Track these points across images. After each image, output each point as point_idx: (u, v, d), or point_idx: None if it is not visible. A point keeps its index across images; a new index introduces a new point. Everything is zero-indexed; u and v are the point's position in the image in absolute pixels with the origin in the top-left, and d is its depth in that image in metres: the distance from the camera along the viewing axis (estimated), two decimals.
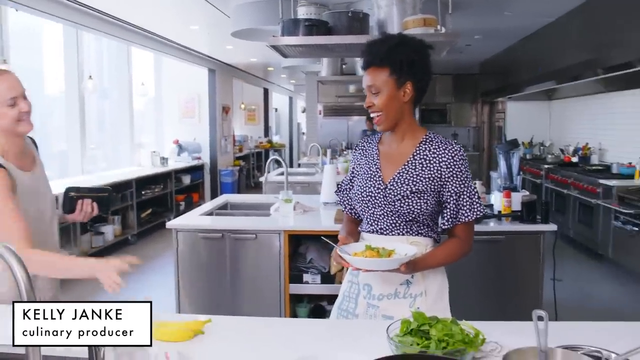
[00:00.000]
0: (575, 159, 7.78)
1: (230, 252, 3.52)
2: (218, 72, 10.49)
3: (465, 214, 1.83)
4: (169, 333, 1.56)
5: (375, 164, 1.91)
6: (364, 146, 2.00)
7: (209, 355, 1.51)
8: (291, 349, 1.51)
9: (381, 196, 1.84)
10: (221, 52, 9.55)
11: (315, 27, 3.61)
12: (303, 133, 19.18)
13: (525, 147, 9.46)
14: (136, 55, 8.92)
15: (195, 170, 9.91)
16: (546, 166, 7.90)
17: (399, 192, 1.81)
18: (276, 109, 17.98)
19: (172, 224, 3.57)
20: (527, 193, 3.55)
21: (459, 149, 1.86)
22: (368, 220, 1.92)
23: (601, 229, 6.03)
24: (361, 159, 1.98)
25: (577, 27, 6.24)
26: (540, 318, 1.30)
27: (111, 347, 1.20)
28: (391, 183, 1.84)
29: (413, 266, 1.72)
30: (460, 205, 1.83)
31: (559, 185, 7.30)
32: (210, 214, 4.12)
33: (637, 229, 5.25)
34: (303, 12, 3.88)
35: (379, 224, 1.88)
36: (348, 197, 2.05)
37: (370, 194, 1.86)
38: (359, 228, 2.00)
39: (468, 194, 1.83)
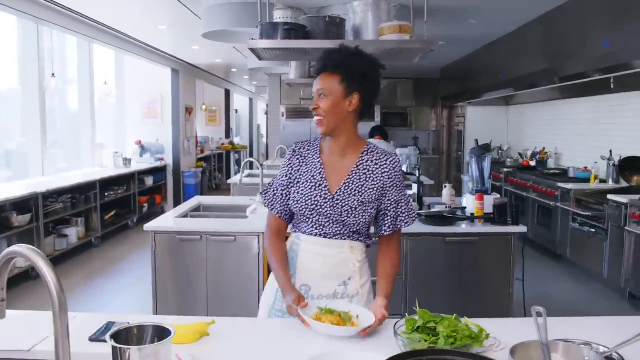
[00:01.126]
0: (533, 163, 8.05)
1: (209, 254, 3.52)
2: (182, 72, 10.38)
3: (404, 220, 1.94)
4: (176, 335, 1.57)
5: (319, 173, 1.92)
6: (301, 153, 1.99)
7: (218, 356, 1.54)
8: (299, 348, 1.55)
9: (328, 206, 1.88)
10: (186, 53, 9.45)
11: (293, 30, 3.66)
12: (263, 135, 19.19)
13: None
14: (98, 52, 8.73)
15: (157, 172, 9.77)
16: (505, 170, 8.16)
17: (346, 202, 1.87)
18: (237, 111, 17.88)
19: (149, 226, 3.54)
20: (499, 196, 3.69)
21: (398, 160, 1.97)
22: (311, 224, 1.93)
23: (560, 231, 6.28)
24: (300, 166, 1.96)
25: (536, 37, 6.48)
26: (539, 314, 1.38)
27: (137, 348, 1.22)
28: (338, 194, 1.89)
29: (386, 309, 1.80)
30: (399, 213, 1.93)
31: (518, 188, 7.55)
32: (185, 216, 4.11)
33: (593, 230, 5.50)
34: (279, 16, 3.91)
35: (323, 229, 1.92)
36: (282, 202, 1.99)
37: (316, 202, 1.89)
38: (294, 229, 2.02)
39: (405, 202, 1.95)
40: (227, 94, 15.31)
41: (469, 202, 3.66)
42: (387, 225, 1.93)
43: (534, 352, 1.34)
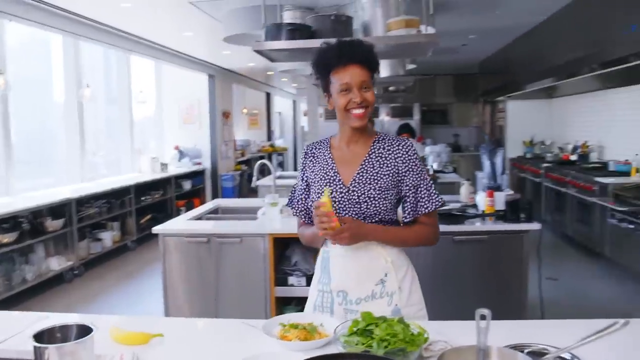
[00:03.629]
0: (574, 157, 7.75)
1: (215, 256, 3.55)
2: (217, 78, 10.55)
3: (425, 206, 1.87)
4: (125, 337, 1.59)
5: (332, 169, 1.90)
6: (313, 153, 1.98)
7: (165, 358, 1.53)
8: (247, 349, 1.53)
9: (345, 199, 1.84)
10: (219, 58, 9.60)
11: (298, 31, 3.64)
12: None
13: (527, 146, 9.44)
14: (136, 63, 9.00)
15: (196, 176, 9.96)
16: (545, 165, 7.87)
17: (362, 192, 1.83)
18: (279, 113, 18.02)
19: (158, 228, 3.60)
20: (512, 192, 3.55)
21: (411, 144, 1.91)
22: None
23: (598, 227, 6.00)
24: (314, 165, 1.96)
25: (570, 24, 6.23)
26: (482, 317, 1.31)
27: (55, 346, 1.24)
28: (353, 185, 1.85)
29: (364, 235, 1.78)
30: (419, 198, 1.87)
31: (557, 183, 7.27)
32: (199, 218, 4.16)
33: (632, 226, 5.22)
34: (288, 17, 3.91)
35: None
36: (305, 206, 2.00)
37: (333, 198, 1.85)
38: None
39: (425, 186, 1.88)
40: (268, 96, 15.45)
41: (481, 200, 3.54)
42: (407, 212, 1.88)
43: (469, 358, 1.27)
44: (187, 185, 9.43)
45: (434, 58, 7.56)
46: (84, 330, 1.33)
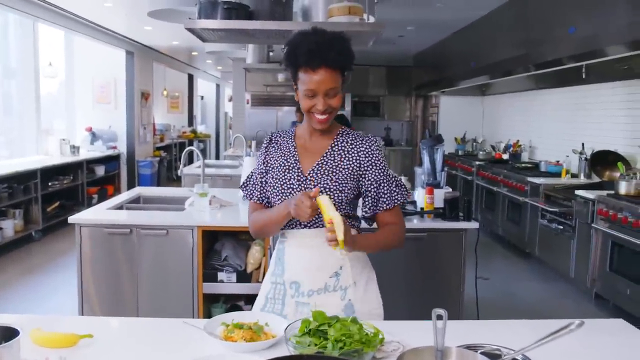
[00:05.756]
0: (506, 156, 8.09)
1: (139, 249, 3.44)
2: (137, 55, 10.22)
3: (386, 202, 1.92)
4: (49, 339, 1.51)
5: (293, 156, 1.94)
6: (277, 140, 2.02)
7: None
8: (186, 351, 1.50)
9: (302, 188, 1.88)
10: (140, 33, 9.29)
11: (234, 10, 3.58)
12: (231, 123, 19.03)
13: (458, 143, 9.77)
14: (44, 33, 8.53)
15: (110, 161, 9.63)
16: (477, 163, 8.19)
17: (319, 182, 1.87)
18: (202, 97, 17.70)
19: (75, 218, 3.45)
20: (450, 190, 3.67)
21: (375, 140, 1.96)
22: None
23: (528, 227, 6.31)
24: (275, 152, 2.00)
25: (508, 21, 6.49)
26: (439, 317, 1.35)
27: None
28: (310, 174, 1.89)
29: (353, 243, 1.74)
30: (381, 194, 1.92)
31: (489, 182, 7.59)
32: (120, 207, 4.03)
33: (561, 227, 5.53)
34: None
35: None
36: (261, 189, 2.02)
37: (290, 186, 1.89)
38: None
39: (387, 183, 1.93)
40: (190, 79, 15.13)
41: (420, 196, 3.63)
42: (367, 207, 1.94)
43: (428, 358, 1.30)
44: (100, 170, 9.11)
45: (369, 48, 7.64)
46: (8, 332, 1.25)
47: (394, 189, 1.94)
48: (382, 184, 1.92)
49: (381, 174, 1.92)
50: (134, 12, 7.15)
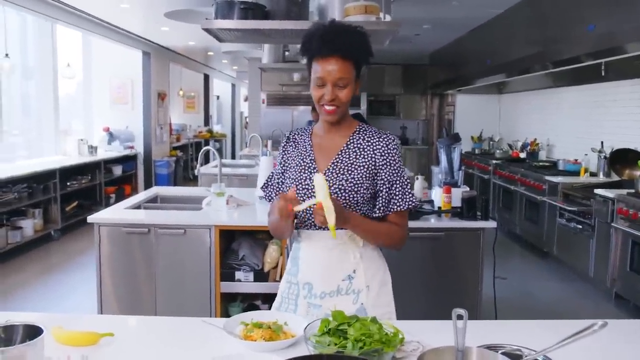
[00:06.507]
0: (523, 155, 8.04)
1: (157, 248, 3.46)
2: (153, 56, 10.28)
3: (397, 204, 1.88)
4: (71, 337, 1.53)
5: (309, 155, 1.93)
6: (295, 139, 2.01)
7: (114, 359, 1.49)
8: (205, 350, 1.51)
9: None
10: (156, 34, 9.35)
11: (251, 10, 3.59)
12: (247, 123, 19.08)
13: (475, 141, 9.71)
14: (62, 34, 8.61)
15: (127, 161, 9.70)
16: (494, 161, 8.13)
17: (335, 181, 1.85)
18: (218, 97, 17.77)
19: (94, 217, 3.48)
20: (468, 189, 3.65)
21: (393, 138, 1.92)
22: (303, 215, 1.90)
23: (546, 226, 6.26)
24: (293, 151, 1.99)
25: (525, 19, 6.44)
26: (459, 317, 1.34)
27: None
28: (326, 173, 1.86)
29: (344, 220, 1.73)
30: (393, 195, 1.88)
31: (506, 181, 7.53)
32: (137, 207, 4.05)
33: (580, 226, 5.48)
34: None
35: None
36: (278, 191, 2.02)
37: (306, 185, 1.87)
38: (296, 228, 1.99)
39: (400, 184, 1.89)
40: (206, 79, 15.20)
41: (437, 195, 3.62)
42: (378, 207, 1.89)
43: (448, 358, 1.30)
44: (117, 170, 9.18)
45: (385, 47, 7.63)
46: (32, 331, 1.26)
47: (407, 191, 1.90)
48: (395, 185, 1.88)
49: (395, 174, 1.88)
50: (150, 12, 7.20)
